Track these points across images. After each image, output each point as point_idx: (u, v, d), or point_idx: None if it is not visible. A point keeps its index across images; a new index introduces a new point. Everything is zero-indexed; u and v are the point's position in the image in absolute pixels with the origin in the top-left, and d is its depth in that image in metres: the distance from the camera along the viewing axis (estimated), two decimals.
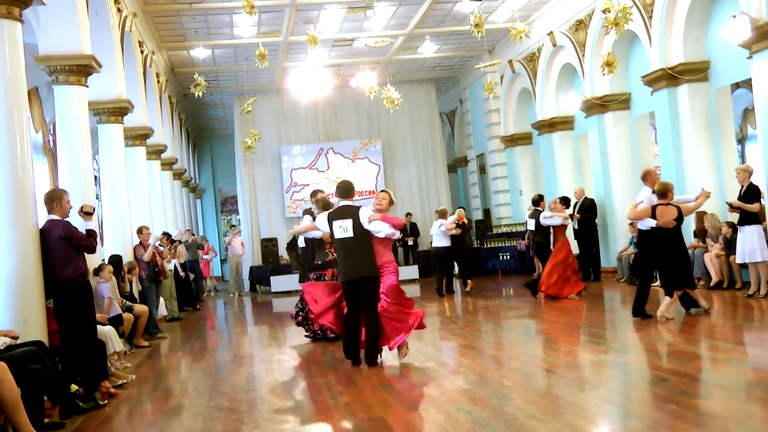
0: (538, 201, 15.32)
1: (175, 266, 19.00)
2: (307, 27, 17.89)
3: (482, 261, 22.79)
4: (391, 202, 9.40)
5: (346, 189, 9.35)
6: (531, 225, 15.20)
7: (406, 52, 23.09)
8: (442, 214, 17.79)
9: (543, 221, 14.72)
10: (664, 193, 10.80)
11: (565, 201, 15.82)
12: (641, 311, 11.04)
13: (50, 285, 8.35)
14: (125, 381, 9.06)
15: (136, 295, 13.15)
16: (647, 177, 11.46)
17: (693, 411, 6.16)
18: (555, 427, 5.78)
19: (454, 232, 17.39)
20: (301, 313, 11.70)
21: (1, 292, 7.96)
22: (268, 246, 24.03)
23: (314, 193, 11.67)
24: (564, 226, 14.74)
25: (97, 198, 14.38)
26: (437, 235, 17.49)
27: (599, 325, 11.80)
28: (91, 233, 8.78)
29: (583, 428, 5.83)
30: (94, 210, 9.43)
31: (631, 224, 16.65)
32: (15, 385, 6.20)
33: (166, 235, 16.43)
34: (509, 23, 15.47)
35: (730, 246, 13.07)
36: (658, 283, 11.82)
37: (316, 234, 10.91)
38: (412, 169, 26.44)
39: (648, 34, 15.56)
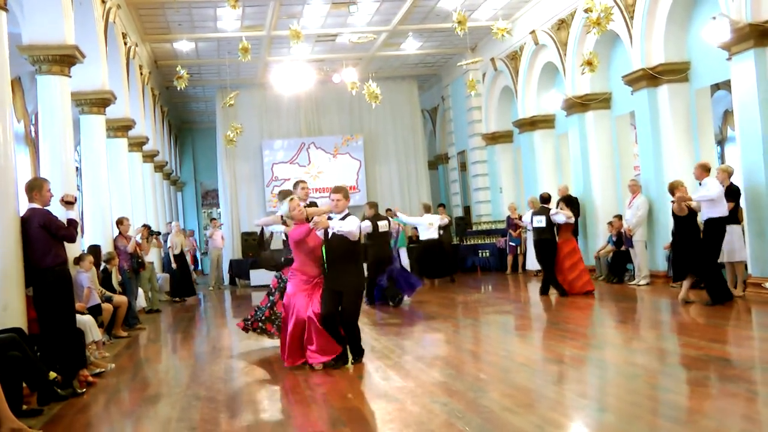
0: (548, 199, 15.19)
1: (167, 256, 19.07)
2: (291, 22, 17.83)
3: (462, 258, 22.86)
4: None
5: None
6: (539, 222, 14.88)
7: (389, 49, 23.14)
8: (428, 209, 19.15)
9: (555, 219, 14.69)
10: (671, 191, 11.88)
11: (568, 200, 15.75)
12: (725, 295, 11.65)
13: (30, 273, 8.35)
14: (104, 370, 9.08)
15: (115, 285, 13.14)
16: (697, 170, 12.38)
17: (667, 406, 6.26)
18: (529, 420, 5.85)
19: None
20: None
21: None
22: (249, 240, 24.00)
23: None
24: (569, 225, 14.91)
25: (78, 189, 14.35)
26: (431, 228, 18.42)
27: (576, 322, 11.90)
28: (71, 223, 8.78)
29: (557, 421, 5.92)
30: (75, 199, 9.40)
31: (609, 223, 16.80)
32: None
33: (147, 227, 16.40)
34: (492, 21, 15.52)
35: None
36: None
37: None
38: (393, 165, 26.50)
39: (629, 34, 15.67)
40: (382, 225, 14.85)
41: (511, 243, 20.89)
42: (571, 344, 9.54)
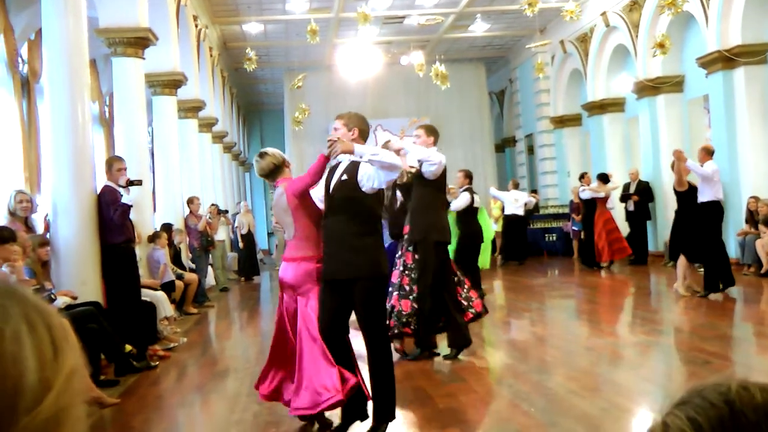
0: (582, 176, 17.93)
1: (235, 235, 19.40)
2: (359, 4, 17.91)
3: (528, 242, 22.73)
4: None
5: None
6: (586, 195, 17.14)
7: (457, 31, 23.03)
8: (516, 185, 20.35)
9: (582, 195, 17.28)
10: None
11: (603, 178, 17.25)
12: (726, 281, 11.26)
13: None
14: (177, 344, 9.32)
15: (185, 263, 13.39)
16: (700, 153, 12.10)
17: None
18: (594, 403, 5.85)
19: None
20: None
21: (61, 254, 8.21)
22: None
23: None
24: (603, 199, 16.93)
25: (150, 169, 14.64)
26: (516, 204, 19.19)
27: (643, 307, 11.80)
28: (122, 206, 8.53)
29: (622, 405, 5.90)
30: (131, 183, 8.74)
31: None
32: (76, 342, 6.42)
33: (215, 206, 16.68)
34: (562, 2, 15.37)
35: None
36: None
37: None
38: (459, 148, 26.33)
39: (705, 15, 15.30)
40: (477, 200, 11.94)
41: (573, 227, 20.70)
42: (637, 329, 9.47)
